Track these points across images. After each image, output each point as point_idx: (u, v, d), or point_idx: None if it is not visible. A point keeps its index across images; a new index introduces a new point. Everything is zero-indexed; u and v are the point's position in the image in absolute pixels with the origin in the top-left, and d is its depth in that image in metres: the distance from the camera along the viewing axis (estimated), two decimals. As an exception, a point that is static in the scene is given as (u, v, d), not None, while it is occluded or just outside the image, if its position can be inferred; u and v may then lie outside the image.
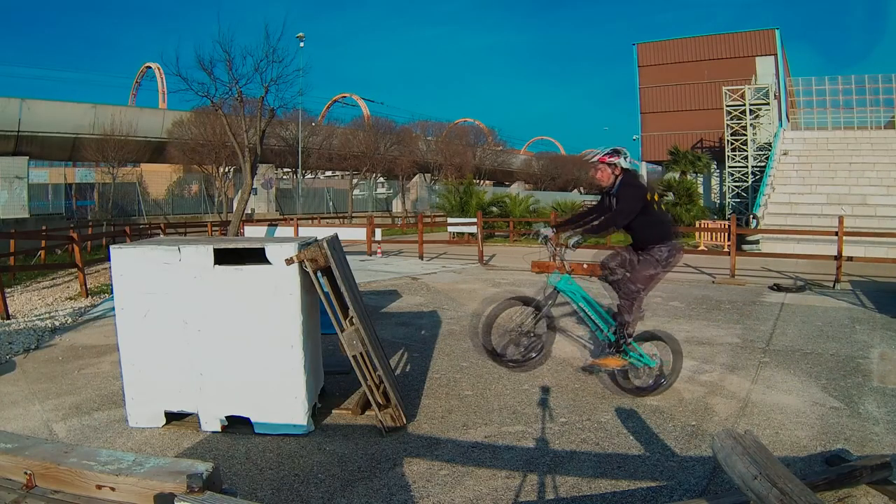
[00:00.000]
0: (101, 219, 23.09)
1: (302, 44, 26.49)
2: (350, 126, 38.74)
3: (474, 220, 14.47)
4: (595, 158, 3.94)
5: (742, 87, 24.59)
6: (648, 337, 4.10)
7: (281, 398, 3.38)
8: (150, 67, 44.94)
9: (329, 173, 46.30)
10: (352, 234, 15.17)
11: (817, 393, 4.04)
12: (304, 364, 3.36)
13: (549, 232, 4.19)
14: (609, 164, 3.93)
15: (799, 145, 21.91)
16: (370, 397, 3.41)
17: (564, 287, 4.05)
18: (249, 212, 26.95)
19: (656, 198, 3.93)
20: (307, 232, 14.79)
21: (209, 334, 3.40)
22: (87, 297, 8.91)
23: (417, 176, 40.34)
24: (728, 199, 24.40)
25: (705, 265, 11.57)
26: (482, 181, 40.81)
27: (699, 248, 15.35)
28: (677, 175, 25.50)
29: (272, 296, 3.35)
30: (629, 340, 3.92)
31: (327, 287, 3.44)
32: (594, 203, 4.38)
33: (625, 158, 3.92)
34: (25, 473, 1.38)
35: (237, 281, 3.38)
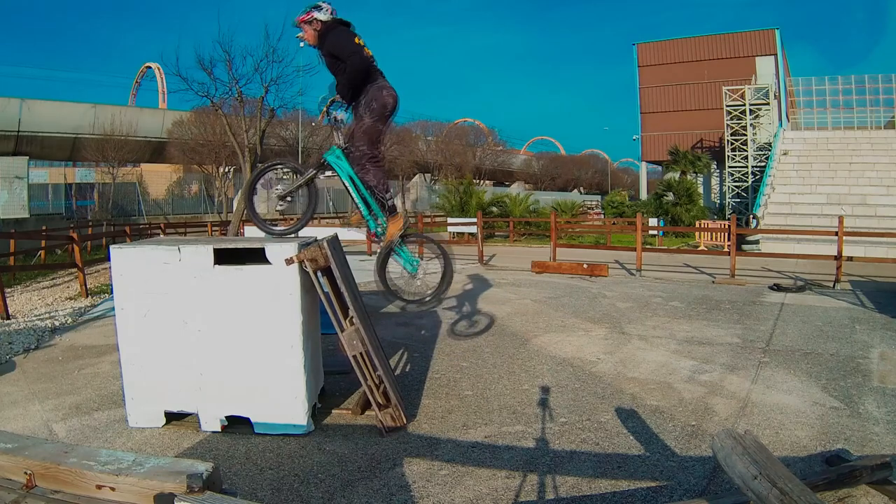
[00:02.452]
0: (101, 219, 23.08)
1: (302, 44, 26.39)
2: (350, 126, 38.68)
3: (474, 220, 14.47)
4: (294, 21, 3.72)
5: (742, 87, 24.62)
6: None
7: (281, 398, 3.38)
8: (150, 67, 44.92)
9: (329, 173, 46.13)
10: (352, 234, 15.17)
11: (817, 393, 4.04)
12: (304, 364, 3.36)
13: (341, 115, 3.91)
14: (308, 23, 3.69)
15: (799, 145, 21.92)
16: (370, 397, 3.41)
17: (333, 160, 3.88)
18: (249, 212, 26.93)
19: (359, 41, 3.66)
20: (307, 232, 14.76)
21: (209, 334, 3.40)
22: (87, 297, 8.91)
23: (417, 176, 40.34)
24: (728, 199, 24.42)
25: (705, 265, 11.57)
26: (482, 181, 40.82)
27: (699, 248, 15.36)
28: (677, 175, 25.49)
29: (272, 296, 3.35)
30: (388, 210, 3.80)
31: (327, 287, 3.44)
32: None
33: (322, 11, 3.66)
34: (25, 473, 1.38)
35: (237, 281, 3.38)
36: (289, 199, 4.03)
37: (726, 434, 1.99)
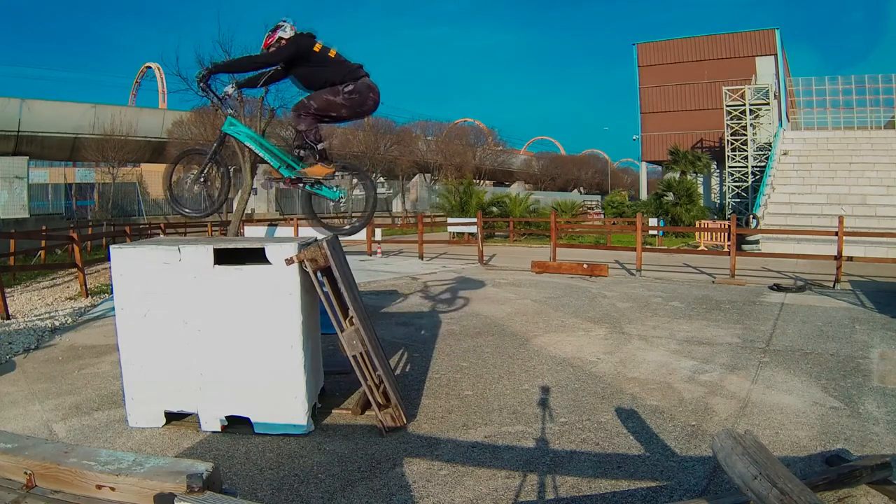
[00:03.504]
0: (101, 219, 23.06)
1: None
2: (350, 126, 38.72)
3: (474, 220, 14.46)
4: (262, 49, 3.78)
5: (742, 87, 24.60)
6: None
7: (281, 398, 3.38)
8: (150, 67, 44.86)
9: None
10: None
11: (817, 393, 4.04)
12: (303, 364, 3.36)
13: (229, 89, 3.94)
14: (276, 43, 3.72)
15: (799, 145, 21.91)
16: (370, 397, 3.41)
17: (229, 130, 3.98)
18: (249, 212, 26.97)
19: (317, 48, 3.70)
20: (307, 232, 14.76)
21: (209, 334, 3.40)
22: (87, 297, 8.91)
23: (417, 176, 40.32)
24: (728, 199, 24.41)
25: (705, 265, 11.57)
26: (482, 181, 40.78)
27: (699, 248, 15.36)
28: (677, 175, 25.46)
29: (272, 296, 3.35)
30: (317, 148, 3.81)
31: (327, 287, 3.45)
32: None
33: (285, 30, 3.71)
34: (25, 473, 1.38)
35: (237, 281, 3.38)
36: (202, 180, 4.11)
37: (726, 434, 1.99)
